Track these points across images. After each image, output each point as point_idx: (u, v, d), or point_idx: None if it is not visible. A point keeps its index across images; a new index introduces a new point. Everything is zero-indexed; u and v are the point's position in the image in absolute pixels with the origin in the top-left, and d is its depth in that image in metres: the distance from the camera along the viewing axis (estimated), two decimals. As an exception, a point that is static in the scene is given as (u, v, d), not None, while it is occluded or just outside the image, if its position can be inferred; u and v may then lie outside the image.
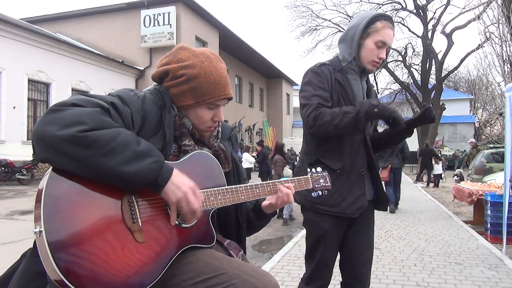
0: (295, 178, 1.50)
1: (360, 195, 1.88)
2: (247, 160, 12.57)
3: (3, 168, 12.08)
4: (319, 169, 1.57)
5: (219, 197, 1.26)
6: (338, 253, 1.98)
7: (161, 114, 1.25)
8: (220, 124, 1.44)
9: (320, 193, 1.54)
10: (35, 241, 1.14)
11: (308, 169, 1.56)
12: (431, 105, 1.95)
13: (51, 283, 1.04)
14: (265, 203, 1.44)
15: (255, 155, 14.28)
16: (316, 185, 1.54)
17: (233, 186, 1.31)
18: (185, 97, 1.29)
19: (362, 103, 1.74)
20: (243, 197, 1.31)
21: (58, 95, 15.35)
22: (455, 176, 12.98)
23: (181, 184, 1.13)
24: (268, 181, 1.39)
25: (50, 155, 1.00)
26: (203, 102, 1.29)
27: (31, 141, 1.03)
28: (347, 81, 1.89)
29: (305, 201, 1.93)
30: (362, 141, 1.90)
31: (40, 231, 0.95)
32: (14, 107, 13.70)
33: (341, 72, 1.89)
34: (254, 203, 1.49)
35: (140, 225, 1.08)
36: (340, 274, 2.00)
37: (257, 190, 1.35)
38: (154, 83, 1.36)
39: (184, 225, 1.19)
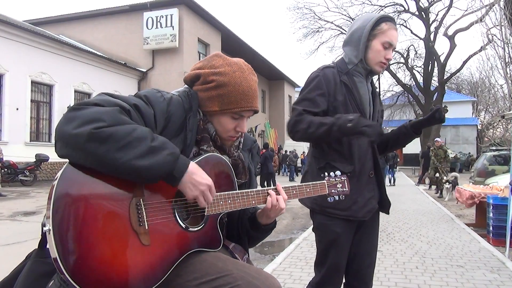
0: (311, 183, 1.46)
1: (370, 198, 1.88)
2: None
3: (6, 169, 12.13)
4: (338, 172, 1.52)
5: (229, 201, 1.26)
6: None
7: (186, 117, 1.26)
8: (243, 134, 1.45)
9: (336, 198, 1.49)
10: (39, 242, 1.17)
11: (326, 173, 1.52)
12: (444, 106, 1.93)
13: (56, 278, 1.07)
14: (259, 211, 1.43)
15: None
16: (333, 190, 1.48)
17: (244, 191, 1.30)
18: (212, 103, 1.30)
19: (339, 117, 1.72)
20: (253, 202, 1.31)
21: (61, 96, 15.40)
22: (447, 183, 11.26)
23: (197, 183, 1.14)
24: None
25: (69, 151, 1.03)
26: (228, 110, 1.30)
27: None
28: (354, 83, 1.89)
29: (315, 205, 1.89)
30: (369, 143, 1.90)
31: (49, 230, 0.97)
32: (17, 109, 13.75)
33: (347, 75, 1.89)
34: (252, 211, 1.47)
35: (147, 228, 1.10)
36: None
37: (268, 196, 1.34)
38: (185, 85, 1.38)
39: (191, 229, 1.20)
